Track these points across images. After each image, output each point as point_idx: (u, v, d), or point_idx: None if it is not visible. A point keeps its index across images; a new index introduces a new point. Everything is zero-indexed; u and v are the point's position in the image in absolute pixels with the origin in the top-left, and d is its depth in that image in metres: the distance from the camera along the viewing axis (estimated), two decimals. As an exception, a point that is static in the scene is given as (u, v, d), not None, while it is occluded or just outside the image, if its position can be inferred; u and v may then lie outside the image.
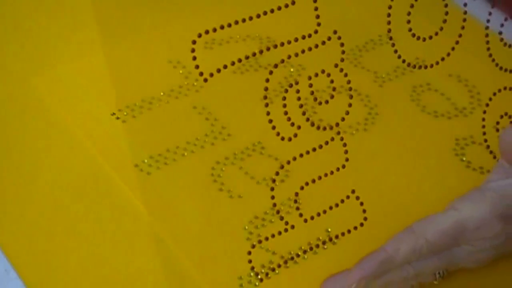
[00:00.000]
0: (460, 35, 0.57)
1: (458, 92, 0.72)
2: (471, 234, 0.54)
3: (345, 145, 0.54)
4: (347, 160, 0.55)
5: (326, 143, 0.53)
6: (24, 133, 0.67)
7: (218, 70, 0.49)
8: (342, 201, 0.56)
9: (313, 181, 0.55)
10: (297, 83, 0.50)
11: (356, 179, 0.60)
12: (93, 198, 0.62)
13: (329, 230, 0.60)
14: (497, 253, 0.56)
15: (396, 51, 0.56)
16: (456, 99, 0.71)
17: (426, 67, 0.57)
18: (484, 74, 0.61)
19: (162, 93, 0.71)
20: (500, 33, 0.58)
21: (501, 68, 0.58)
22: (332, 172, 0.55)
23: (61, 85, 0.72)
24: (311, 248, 0.57)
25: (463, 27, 0.56)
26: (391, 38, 0.55)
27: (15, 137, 0.67)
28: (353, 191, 0.56)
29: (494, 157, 0.62)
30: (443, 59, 0.58)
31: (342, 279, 0.54)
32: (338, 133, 0.54)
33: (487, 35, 0.58)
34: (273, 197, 0.53)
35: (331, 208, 0.56)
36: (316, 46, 0.51)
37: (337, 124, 0.53)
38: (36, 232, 0.60)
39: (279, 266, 0.56)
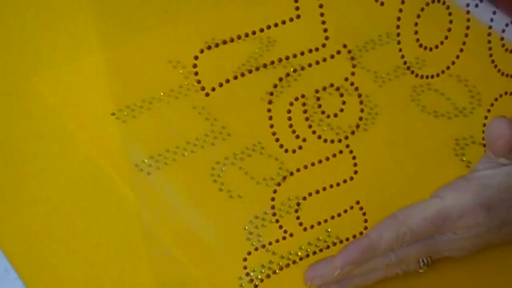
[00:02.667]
0: (464, 43, 0.57)
1: (458, 92, 0.72)
2: (454, 222, 0.54)
3: (354, 158, 0.54)
4: (356, 172, 0.55)
5: (334, 155, 0.53)
6: (24, 133, 0.67)
7: (220, 85, 0.49)
8: (346, 211, 0.56)
9: (317, 191, 0.55)
10: (303, 96, 0.50)
11: (355, 180, 0.60)
12: (93, 198, 0.62)
13: (329, 230, 0.60)
14: (480, 242, 0.56)
15: (405, 62, 0.56)
16: (456, 99, 0.71)
17: (432, 76, 0.57)
18: (484, 74, 0.61)
19: (162, 93, 0.71)
20: (502, 38, 0.58)
21: (502, 74, 0.58)
22: (338, 184, 0.55)
23: (61, 85, 0.72)
24: (314, 253, 0.57)
25: (466, 35, 0.56)
26: (400, 50, 0.55)
27: (15, 137, 0.67)
28: (357, 202, 0.56)
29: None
30: (448, 67, 0.58)
31: (325, 265, 0.54)
32: (347, 146, 0.53)
33: (489, 42, 0.58)
34: (273, 199, 0.54)
35: (332, 217, 0.56)
36: (324, 59, 0.50)
37: (346, 137, 0.53)
38: (36, 232, 0.60)
39: (281, 268, 0.57)
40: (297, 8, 0.48)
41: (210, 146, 0.66)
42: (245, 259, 0.54)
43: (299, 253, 0.58)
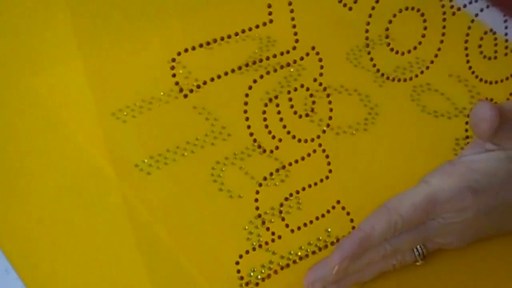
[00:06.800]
0: (441, 41, 0.57)
1: (458, 92, 0.72)
2: (442, 207, 0.55)
3: (327, 156, 0.55)
4: (330, 171, 0.56)
5: (309, 155, 0.54)
6: (24, 133, 0.67)
7: (198, 86, 0.50)
8: (328, 211, 0.57)
9: (297, 192, 0.56)
10: (276, 97, 0.51)
11: (355, 180, 0.60)
12: (93, 198, 0.62)
13: (329, 230, 0.60)
14: (469, 230, 0.56)
15: (374, 65, 0.58)
16: (456, 99, 0.71)
17: (405, 80, 0.58)
18: (484, 74, 0.61)
19: (162, 93, 0.71)
20: (480, 46, 0.59)
21: (481, 80, 0.59)
22: (316, 183, 0.56)
23: (61, 85, 0.72)
24: (313, 252, 0.57)
25: (444, 32, 0.57)
26: (369, 53, 0.56)
27: (15, 137, 0.67)
28: (338, 202, 0.57)
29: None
30: (427, 67, 0.59)
31: (323, 266, 0.54)
32: (320, 145, 0.54)
33: (466, 48, 0.59)
34: (257, 200, 0.54)
35: (317, 218, 0.57)
36: (295, 61, 0.52)
37: (318, 137, 0.54)
38: (36, 232, 0.60)
39: (282, 268, 0.57)
40: (270, 13, 0.49)
41: (210, 146, 0.67)
42: (237, 263, 0.55)
43: (299, 253, 0.58)
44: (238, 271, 0.55)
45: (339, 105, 0.70)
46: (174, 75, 0.49)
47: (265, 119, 0.51)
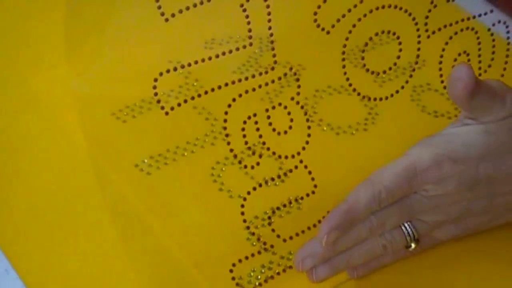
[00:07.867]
0: (416, 62, 0.59)
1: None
2: (423, 176, 0.55)
3: (310, 172, 0.56)
4: (315, 186, 0.56)
5: (290, 171, 0.55)
6: (24, 133, 0.67)
7: (179, 104, 0.52)
8: (320, 221, 0.57)
9: (284, 205, 0.58)
10: (255, 115, 0.53)
11: (355, 179, 0.60)
12: (93, 198, 0.62)
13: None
14: (455, 204, 0.56)
15: (350, 85, 0.59)
16: (456, 99, 0.71)
17: (381, 99, 0.60)
18: (483, 74, 0.61)
19: (162, 93, 0.70)
20: (454, 59, 0.60)
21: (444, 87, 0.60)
22: (302, 198, 0.57)
23: (61, 85, 0.72)
24: None
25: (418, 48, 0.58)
26: (345, 73, 0.58)
27: (15, 137, 0.67)
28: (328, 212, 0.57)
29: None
30: (399, 90, 0.61)
31: (313, 243, 0.55)
32: (301, 161, 0.55)
33: (440, 69, 0.61)
34: (242, 213, 0.55)
35: (314, 225, 0.57)
36: (273, 81, 0.53)
37: (299, 153, 0.55)
38: (36, 232, 0.60)
39: (278, 273, 0.57)
40: (250, 37, 0.50)
41: (210, 146, 0.67)
42: (231, 271, 0.55)
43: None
44: (233, 278, 0.55)
45: (339, 105, 0.71)
46: (156, 94, 0.50)
47: (244, 136, 0.53)
